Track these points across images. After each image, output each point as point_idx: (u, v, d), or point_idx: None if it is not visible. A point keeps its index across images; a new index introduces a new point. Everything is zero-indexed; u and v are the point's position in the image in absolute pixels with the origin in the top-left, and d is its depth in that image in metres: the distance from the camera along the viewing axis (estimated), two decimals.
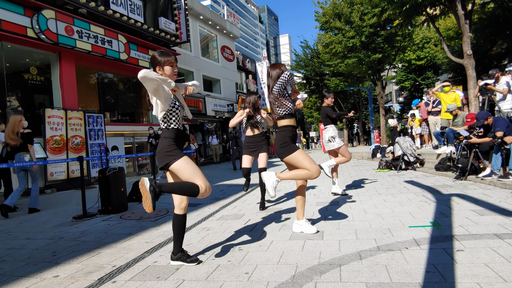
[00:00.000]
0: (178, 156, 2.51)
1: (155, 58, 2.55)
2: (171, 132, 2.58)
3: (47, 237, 3.96)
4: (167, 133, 2.57)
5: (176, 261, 2.71)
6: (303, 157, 3.09)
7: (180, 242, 2.72)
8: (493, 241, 2.67)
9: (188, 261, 2.69)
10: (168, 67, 2.56)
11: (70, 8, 9.69)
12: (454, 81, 20.26)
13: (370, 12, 16.22)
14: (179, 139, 2.62)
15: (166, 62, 2.54)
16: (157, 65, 2.54)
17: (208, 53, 21.58)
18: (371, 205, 4.41)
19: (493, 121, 5.62)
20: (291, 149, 3.14)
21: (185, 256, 2.71)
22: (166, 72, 2.55)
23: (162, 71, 2.55)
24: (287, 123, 3.24)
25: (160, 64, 2.54)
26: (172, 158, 2.50)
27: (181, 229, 2.70)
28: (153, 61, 2.56)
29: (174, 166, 2.50)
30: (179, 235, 2.71)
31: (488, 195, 4.47)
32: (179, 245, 2.71)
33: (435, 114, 9.24)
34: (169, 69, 2.56)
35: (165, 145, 2.53)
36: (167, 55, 2.57)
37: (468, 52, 9.56)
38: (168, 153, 2.51)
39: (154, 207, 2.43)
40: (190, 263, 2.68)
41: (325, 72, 25.44)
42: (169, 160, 2.50)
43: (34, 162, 5.53)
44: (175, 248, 2.71)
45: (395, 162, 8.22)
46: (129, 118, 14.52)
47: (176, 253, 2.70)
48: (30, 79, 10.30)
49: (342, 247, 2.81)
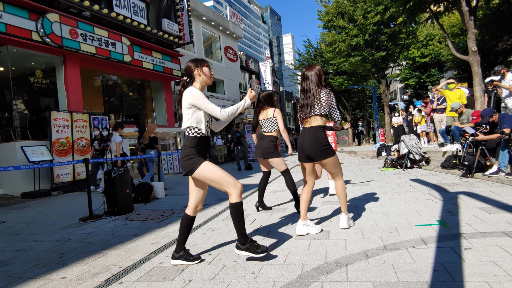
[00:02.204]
0: (200, 162, 2.59)
1: (190, 66, 2.70)
2: (196, 140, 2.65)
3: (54, 239, 3.99)
4: (193, 141, 2.64)
5: (178, 259, 2.72)
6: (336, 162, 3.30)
7: (184, 242, 2.77)
8: (502, 239, 2.64)
9: (191, 259, 2.71)
10: (206, 68, 2.72)
11: (74, 12, 9.76)
12: (459, 78, 20.11)
13: (374, 10, 16.13)
14: (205, 146, 2.73)
15: (203, 63, 2.72)
16: (196, 68, 2.69)
17: (211, 54, 21.63)
18: (377, 204, 4.38)
19: (499, 118, 5.56)
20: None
21: (187, 254, 2.73)
22: (205, 72, 2.70)
23: (202, 73, 2.69)
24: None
25: (198, 66, 2.69)
26: (195, 165, 2.57)
27: (188, 230, 2.75)
28: (190, 68, 2.70)
29: (198, 172, 2.57)
30: (185, 236, 2.76)
31: (495, 192, 4.42)
32: (183, 245, 2.75)
33: (440, 111, 9.17)
34: (207, 70, 2.72)
35: (190, 153, 2.61)
36: (201, 59, 2.75)
37: (473, 49, 9.46)
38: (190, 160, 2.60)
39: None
40: (192, 262, 2.70)
41: (329, 71, 25.34)
42: (192, 166, 2.58)
43: (152, 155, 7.85)
44: (178, 247, 2.73)
45: (400, 161, 8.17)
46: (133, 120, 14.59)
47: (178, 252, 2.72)
48: (35, 82, 10.40)
49: (349, 247, 2.80)
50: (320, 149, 3.12)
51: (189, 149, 2.61)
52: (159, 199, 6.58)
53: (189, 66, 2.70)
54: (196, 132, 2.65)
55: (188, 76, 2.71)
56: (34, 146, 8.37)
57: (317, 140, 3.12)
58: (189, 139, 2.65)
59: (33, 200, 7.69)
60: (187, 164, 2.59)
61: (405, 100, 34.01)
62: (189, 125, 2.64)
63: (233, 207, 2.58)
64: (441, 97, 9.08)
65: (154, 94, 14.98)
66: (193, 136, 2.64)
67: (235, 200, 2.56)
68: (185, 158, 2.60)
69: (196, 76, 2.69)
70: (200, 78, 2.70)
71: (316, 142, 3.12)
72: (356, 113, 36.58)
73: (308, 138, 3.17)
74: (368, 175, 7.48)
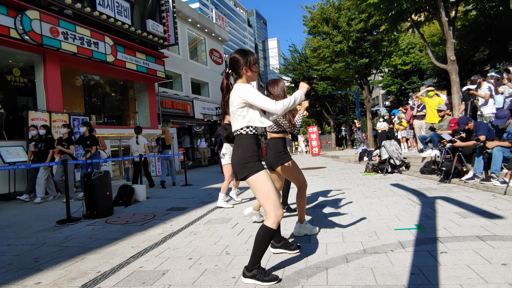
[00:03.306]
0: (258, 169, 2.30)
1: (239, 60, 2.38)
2: (251, 140, 2.37)
3: (29, 242, 3.86)
4: (248, 142, 2.36)
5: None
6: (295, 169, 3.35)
7: (280, 234, 2.69)
8: (476, 243, 2.73)
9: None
10: (255, 66, 2.43)
11: (55, 9, 9.52)
12: (439, 86, 20.71)
13: (357, 18, 16.48)
14: (258, 146, 2.45)
15: (255, 60, 2.42)
16: (244, 65, 2.37)
17: (197, 56, 21.52)
18: (357, 208, 4.45)
19: (475, 126, 5.77)
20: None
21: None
22: (254, 70, 2.42)
23: (250, 72, 2.41)
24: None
25: (248, 64, 2.38)
26: (252, 171, 2.29)
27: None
28: (237, 63, 2.38)
29: (251, 179, 2.29)
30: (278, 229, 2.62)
31: (471, 197, 4.57)
32: (280, 236, 2.58)
33: (420, 118, 9.42)
34: (256, 68, 2.45)
35: (248, 156, 2.33)
36: (251, 53, 2.42)
37: (451, 58, 9.79)
38: (248, 164, 2.31)
39: None
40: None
41: (313, 76, 25.66)
42: (248, 173, 2.30)
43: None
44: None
45: (381, 165, 8.34)
46: (115, 121, 14.32)
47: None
48: (13, 81, 10.06)
49: (329, 250, 2.83)
50: (275, 157, 3.34)
51: (247, 152, 2.33)
52: (140, 202, 6.47)
53: (238, 60, 2.38)
54: (251, 131, 2.37)
55: (233, 69, 2.41)
56: (10, 146, 8.09)
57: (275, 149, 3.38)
58: (244, 140, 2.36)
59: (7, 203, 7.42)
60: (244, 169, 2.31)
61: (387, 106, 34.78)
62: (246, 124, 2.34)
63: (264, 230, 2.24)
64: (421, 104, 9.34)
65: (137, 95, 14.76)
66: (248, 136, 2.36)
67: (269, 225, 2.23)
68: (241, 161, 2.32)
69: (242, 74, 2.40)
70: (248, 76, 2.44)
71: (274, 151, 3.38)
72: (339, 118, 37.12)
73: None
74: (350, 180, 7.59)
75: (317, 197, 5.60)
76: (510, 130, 5.26)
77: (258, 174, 2.27)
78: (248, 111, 2.35)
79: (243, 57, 2.38)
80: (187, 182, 9.07)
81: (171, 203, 6.13)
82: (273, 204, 2.24)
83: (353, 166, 11.22)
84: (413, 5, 9.93)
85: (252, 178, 2.28)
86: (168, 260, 2.90)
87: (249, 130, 2.37)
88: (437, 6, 9.78)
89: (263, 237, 2.24)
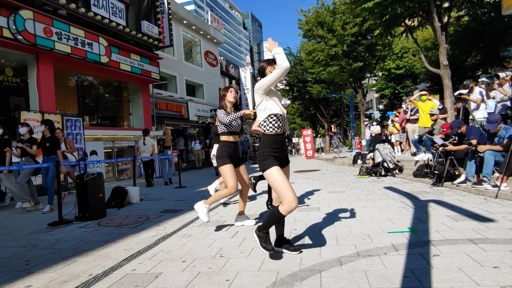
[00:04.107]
0: (271, 165, 2.64)
1: (263, 66, 2.85)
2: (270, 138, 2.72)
3: (19, 245, 3.81)
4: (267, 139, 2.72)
5: (255, 234, 2.73)
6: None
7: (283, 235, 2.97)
8: (467, 246, 2.75)
9: (263, 245, 2.65)
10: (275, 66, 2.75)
11: (49, 9, 9.44)
12: (432, 90, 20.92)
13: (352, 22, 16.60)
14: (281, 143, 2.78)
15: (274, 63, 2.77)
16: (269, 65, 2.81)
17: (192, 58, 21.49)
18: (351, 211, 4.47)
19: (467, 130, 5.83)
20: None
21: (265, 237, 2.69)
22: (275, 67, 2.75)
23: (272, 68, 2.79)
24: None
25: (270, 64, 2.80)
26: (265, 167, 2.65)
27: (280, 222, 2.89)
28: (262, 68, 2.84)
29: (266, 174, 2.65)
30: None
31: (463, 201, 4.62)
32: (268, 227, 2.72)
33: (413, 122, 9.51)
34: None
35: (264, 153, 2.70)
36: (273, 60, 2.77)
37: (444, 63, 9.91)
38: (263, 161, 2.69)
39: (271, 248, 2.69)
40: (261, 247, 2.65)
41: (308, 79, 25.77)
42: (263, 167, 2.66)
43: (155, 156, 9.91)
44: (263, 225, 2.73)
45: (375, 169, 8.39)
46: (109, 122, 14.22)
47: (261, 230, 2.71)
48: (5, 81, 9.94)
49: (323, 253, 2.83)
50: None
51: (264, 149, 2.69)
52: (134, 204, 6.42)
53: (262, 65, 2.84)
54: (271, 127, 2.69)
55: (261, 75, 2.81)
56: None
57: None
58: (264, 137, 2.72)
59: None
60: (260, 164, 2.68)
61: (381, 110, 35.05)
62: (266, 115, 2.69)
63: (277, 211, 2.59)
64: (414, 108, 9.43)
65: (132, 97, 14.67)
66: (268, 133, 2.70)
67: (282, 211, 2.57)
68: (259, 157, 2.69)
69: (268, 74, 2.76)
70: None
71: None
72: (333, 121, 37.32)
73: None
74: (344, 182, 7.62)
75: (311, 199, 5.61)
76: (501, 134, 5.32)
77: (270, 170, 2.60)
78: (267, 102, 2.68)
79: (266, 62, 2.84)
80: (181, 184, 9.04)
81: (165, 205, 6.10)
82: (287, 196, 2.51)
83: (347, 169, 11.27)
84: (406, 10, 10.04)
85: (266, 173, 2.63)
86: (161, 263, 2.88)
87: (268, 127, 2.68)
88: (430, 12, 9.90)
89: (275, 216, 2.63)
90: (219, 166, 3.74)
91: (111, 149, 12.38)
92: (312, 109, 30.82)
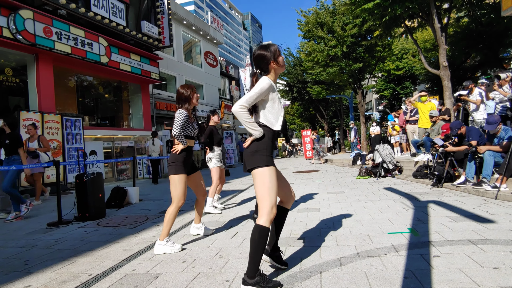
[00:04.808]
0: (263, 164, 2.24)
1: (265, 55, 2.30)
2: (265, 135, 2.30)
3: (19, 245, 3.80)
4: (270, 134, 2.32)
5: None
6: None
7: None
8: (468, 247, 2.75)
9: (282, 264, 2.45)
10: (281, 58, 2.34)
11: (49, 9, 9.45)
12: (431, 91, 20.95)
13: (352, 23, 16.61)
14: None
15: (279, 52, 2.34)
16: (271, 60, 2.30)
17: (191, 58, 21.50)
18: (351, 212, 4.46)
19: (467, 131, 5.84)
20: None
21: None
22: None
23: (277, 65, 2.32)
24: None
25: (274, 57, 2.30)
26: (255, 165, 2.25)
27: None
28: (264, 58, 2.30)
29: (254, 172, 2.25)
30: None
31: (462, 202, 4.62)
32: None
33: (413, 123, 9.51)
34: (282, 60, 2.35)
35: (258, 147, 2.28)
36: (273, 44, 2.36)
37: (444, 64, 9.92)
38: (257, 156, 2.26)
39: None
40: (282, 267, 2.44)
41: (307, 80, 25.79)
42: (253, 165, 2.25)
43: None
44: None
45: (374, 169, 8.38)
46: (108, 122, 14.22)
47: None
48: (4, 81, 9.94)
49: (323, 254, 2.83)
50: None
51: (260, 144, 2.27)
52: (133, 204, 6.41)
53: (263, 55, 2.31)
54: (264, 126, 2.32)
55: (261, 68, 2.35)
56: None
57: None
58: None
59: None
60: (253, 160, 2.25)
61: (380, 111, 35.08)
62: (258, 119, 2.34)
63: (258, 230, 2.14)
64: (413, 109, 9.44)
65: (131, 97, 14.68)
66: (266, 131, 2.30)
67: (263, 223, 2.14)
68: (253, 152, 2.26)
69: (270, 69, 2.34)
70: (276, 69, 2.37)
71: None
72: (333, 122, 37.33)
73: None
74: (344, 183, 7.62)
75: (310, 200, 5.61)
76: (501, 135, 5.33)
77: (266, 168, 2.22)
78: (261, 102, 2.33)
79: (267, 51, 2.30)
80: None
81: (164, 205, 6.09)
82: (269, 202, 2.17)
83: (346, 170, 11.27)
84: (406, 11, 10.05)
85: (259, 171, 2.21)
86: (161, 263, 2.88)
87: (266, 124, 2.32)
88: (430, 13, 9.91)
89: (259, 238, 2.13)
90: (170, 174, 3.31)
91: (110, 149, 12.38)
92: (312, 110, 30.83)
